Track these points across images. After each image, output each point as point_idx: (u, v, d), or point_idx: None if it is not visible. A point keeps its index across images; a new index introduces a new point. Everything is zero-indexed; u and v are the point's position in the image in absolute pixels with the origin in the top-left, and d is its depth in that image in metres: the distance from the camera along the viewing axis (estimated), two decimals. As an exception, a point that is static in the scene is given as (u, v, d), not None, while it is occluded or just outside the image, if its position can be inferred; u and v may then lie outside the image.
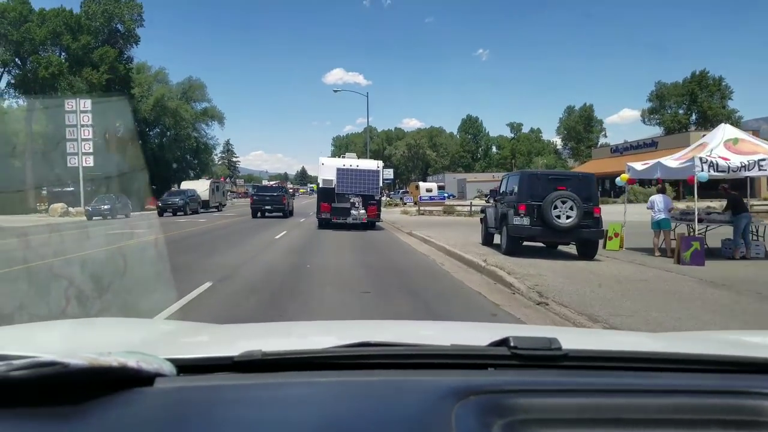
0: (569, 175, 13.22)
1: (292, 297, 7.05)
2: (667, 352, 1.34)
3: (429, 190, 48.29)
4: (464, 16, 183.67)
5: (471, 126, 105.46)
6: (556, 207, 10.34)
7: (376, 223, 19.79)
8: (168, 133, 57.37)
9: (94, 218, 26.98)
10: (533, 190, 10.75)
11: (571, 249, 11.44)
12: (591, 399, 0.94)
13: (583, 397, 0.94)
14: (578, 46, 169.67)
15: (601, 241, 11.15)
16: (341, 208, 18.82)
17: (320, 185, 19.63)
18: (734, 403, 0.95)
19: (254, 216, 26.32)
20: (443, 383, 0.95)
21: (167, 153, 55.53)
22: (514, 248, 10.85)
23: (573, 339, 1.42)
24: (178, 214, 30.79)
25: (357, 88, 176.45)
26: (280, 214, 26.44)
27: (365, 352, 1.07)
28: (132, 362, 0.87)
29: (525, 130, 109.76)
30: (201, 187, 37.55)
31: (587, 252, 10.72)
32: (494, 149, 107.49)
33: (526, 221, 10.62)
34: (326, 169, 19.46)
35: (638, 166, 12.36)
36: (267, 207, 26.69)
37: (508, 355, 1.04)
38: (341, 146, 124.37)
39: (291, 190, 41.45)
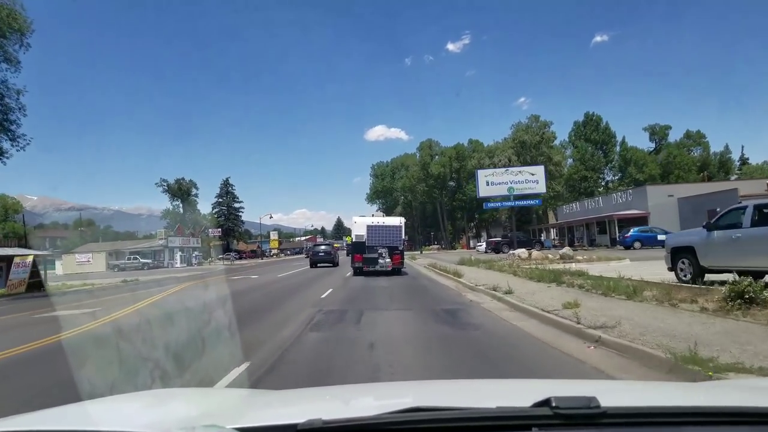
0: None
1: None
2: (694, 405, 1.39)
3: None
4: (505, 65, 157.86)
5: (593, 130, 63.82)
6: None
7: (401, 269, 23.31)
8: None
9: None
10: None
11: None
12: None
13: None
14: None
15: None
16: (371, 258, 22.54)
17: (354, 239, 24.21)
18: None
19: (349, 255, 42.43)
20: None
21: None
22: None
23: (612, 395, 1.49)
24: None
25: (398, 143, 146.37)
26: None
27: (417, 417, 1.17)
28: None
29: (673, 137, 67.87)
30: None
31: None
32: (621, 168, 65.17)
33: None
34: (358, 226, 23.56)
35: None
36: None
37: (550, 415, 1.11)
38: (383, 176, 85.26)
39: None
